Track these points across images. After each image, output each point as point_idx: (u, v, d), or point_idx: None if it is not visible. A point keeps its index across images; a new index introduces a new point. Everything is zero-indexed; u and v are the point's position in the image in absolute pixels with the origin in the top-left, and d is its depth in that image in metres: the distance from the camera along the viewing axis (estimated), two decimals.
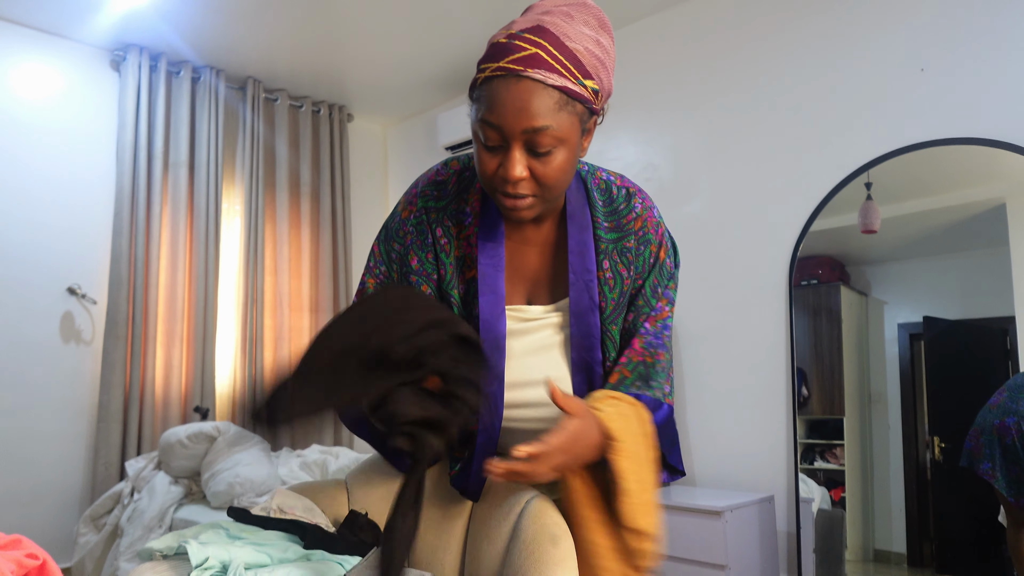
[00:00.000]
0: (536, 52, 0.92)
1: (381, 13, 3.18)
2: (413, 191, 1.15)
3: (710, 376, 2.85)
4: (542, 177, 0.96)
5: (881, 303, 2.54)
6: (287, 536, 1.04)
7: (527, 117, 0.92)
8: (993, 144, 2.26)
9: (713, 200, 2.92)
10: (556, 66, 0.93)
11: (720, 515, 2.31)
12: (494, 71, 0.94)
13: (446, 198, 1.12)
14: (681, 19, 3.09)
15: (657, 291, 1.13)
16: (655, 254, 1.12)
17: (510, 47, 0.94)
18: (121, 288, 3.26)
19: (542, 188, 0.98)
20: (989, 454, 2.09)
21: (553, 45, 0.93)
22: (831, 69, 2.63)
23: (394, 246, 1.15)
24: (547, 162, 0.96)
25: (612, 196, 1.13)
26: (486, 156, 0.97)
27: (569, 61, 0.94)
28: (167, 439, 2.88)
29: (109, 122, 3.41)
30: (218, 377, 3.58)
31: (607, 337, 1.12)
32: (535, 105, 0.92)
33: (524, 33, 0.94)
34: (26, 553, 0.88)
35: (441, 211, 1.12)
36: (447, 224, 1.12)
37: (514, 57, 0.93)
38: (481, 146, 0.98)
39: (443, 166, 1.15)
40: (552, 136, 0.94)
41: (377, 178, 4.48)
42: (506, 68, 0.93)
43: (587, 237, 1.10)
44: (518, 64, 0.92)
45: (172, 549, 0.97)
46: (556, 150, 0.96)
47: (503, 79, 0.93)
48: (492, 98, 0.94)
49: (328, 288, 3.96)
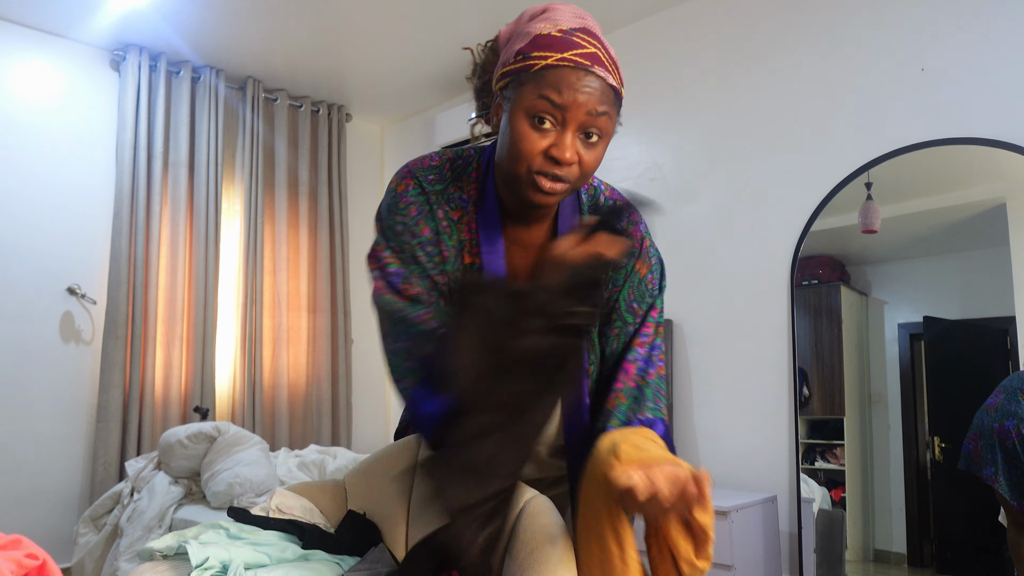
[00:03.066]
0: (596, 51, 0.99)
1: (380, 13, 3.18)
2: (405, 170, 1.14)
3: (714, 376, 2.85)
4: (585, 164, 1.00)
5: (881, 303, 2.54)
6: (286, 536, 1.04)
7: (595, 102, 0.97)
8: (993, 144, 2.26)
9: (715, 200, 2.92)
10: (609, 67, 1.00)
11: (727, 515, 2.31)
12: (559, 60, 0.97)
13: (443, 182, 1.12)
14: (683, 19, 3.09)
15: (633, 307, 1.13)
16: (634, 268, 1.13)
17: (570, 42, 0.98)
18: (121, 288, 3.26)
19: (580, 175, 1.01)
20: (991, 458, 2.08)
21: (604, 49, 1.00)
22: (832, 69, 2.63)
23: (396, 219, 1.11)
24: (592, 150, 1.00)
25: (598, 205, 1.16)
26: (535, 135, 0.98)
27: (616, 67, 1.01)
28: (167, 439, 2.87)
29: (109, 122, 3.41)
30: (218, 377, 3.58)
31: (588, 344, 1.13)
32: (601, 94, 0.98)
33: (578, 32, 0.99)
34: (26, 553, 0.88)
35: (439, 194, 1.12)
36: (446, 208, 1.12)
37: (579, 52, 0.98)
38: (528, 125, 0.99)
39: (435, 154, 1.15)
40: (604, 125, 0.99)
41: (375, 178, 4.48)
42: (574, 60, 0.97)
43: None
44: (585, 59, 0.97)
45: (172, 549, 0.97)
46: (601, 141, 1.01)
47: (571, 69, 0.97)
48: (560, 81, 0.97)
49: (326, 288, 3.96)
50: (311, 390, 3.85)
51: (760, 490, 2.64)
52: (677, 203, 2.99)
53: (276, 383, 3.74)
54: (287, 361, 3.79)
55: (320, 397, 3.85)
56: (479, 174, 1.13)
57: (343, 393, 3.95)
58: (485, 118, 1.14)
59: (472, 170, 1.13)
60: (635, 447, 0.93)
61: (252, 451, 2.84)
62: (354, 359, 4.12)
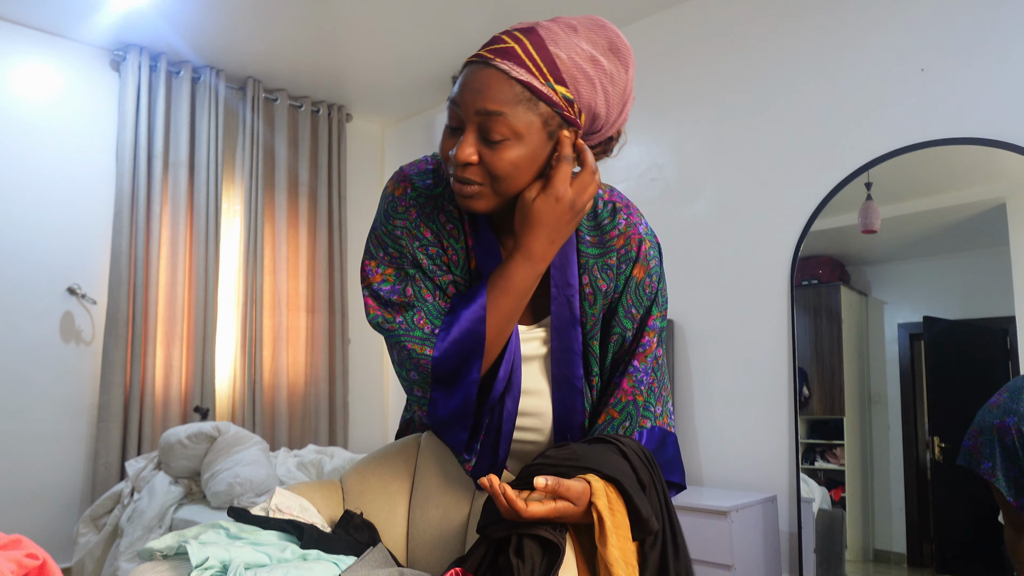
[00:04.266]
0: (513, 47, 0.96)
1: (380, 13, 3.18)
2: (400, 175, 1.11)
3: (714, 376, 2.85)
4: (491, 166, 0.96)
5: (881, 303, 2.54)
6: (285, 536, 1.04)
7: (482, 99, 0.94)
8: (993, 144, 2.26)
9: (716, 200, 2.92)
10: (527, 62, 0.95)
11: (726, 515, 2.31)
12: (471, 58, 0.99)
13: (441, 185, 1.10)
14: (683, 19, 3.09)
15: (631, 313, 1.10)
16: (632, 273, 1.10)
17: (494, 39, 0.98)
18: (121, 288, 3.26)
19: (491, 179, 0.98)
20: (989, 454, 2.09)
21: (534, 45, 0.96)
22: (832, 69, 2.63)
23: (395, 223, 1.08)
24: (498, 152, 0.96)
25: (597, 211, 1.12)
26: (446, 137, 1.00)
27: (544, 62, 0.95)
28: (167, 439, 2.88)
29: (109, 122, 3.42)
30: (218, 377, 3.58)
31: (589, 353, 1.11)
32: (493, 90, 0.94)
33: (514, 30, 0.98)
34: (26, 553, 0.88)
35: (439, 197, 1.10)
36: (448, 209, 1.09)
37: (490, 48, 0.97)
38: (445, 129, 1.01)
39: (431, 156, 1.14)
40: (506, 126, 0.95)
41: (374, 178, 4.48)
42: (479, 55, 0.97)
43: (569, 251, 1.09)
44: (490, 54, 0.96)
45: (172, 549, 0.97)
46: (509, 143, 0.96)
47: (473, 65, 0.97)
48: (460, 80, 0.98)
49: (324, 288, 3.96)
50: (309, 390, 3.86)
51: (760, 490, 2.64)
52: (678, 203, 3.00)
53: (276, 383, 3.74)
54: (286, 361, 3.79)
55: (318, 397, 3.86)
56: None
57: (340, 393, 3.96)
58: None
59: None
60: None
61: (252, 451, 2.84)
62: (351, 359, 4.12)
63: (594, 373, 1.12)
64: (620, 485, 0.93)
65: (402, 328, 1.05)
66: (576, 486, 0.90)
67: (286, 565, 0.92)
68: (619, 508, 0.92)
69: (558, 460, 0.96)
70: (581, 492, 0.90)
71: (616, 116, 1.04)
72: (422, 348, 1.03)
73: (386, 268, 1.09)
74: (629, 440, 1.02)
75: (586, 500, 0.90)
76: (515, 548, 0.87)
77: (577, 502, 0.90)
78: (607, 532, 0.89)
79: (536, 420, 1.12)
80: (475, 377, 1.03)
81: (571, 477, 0.92)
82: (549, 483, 0.88)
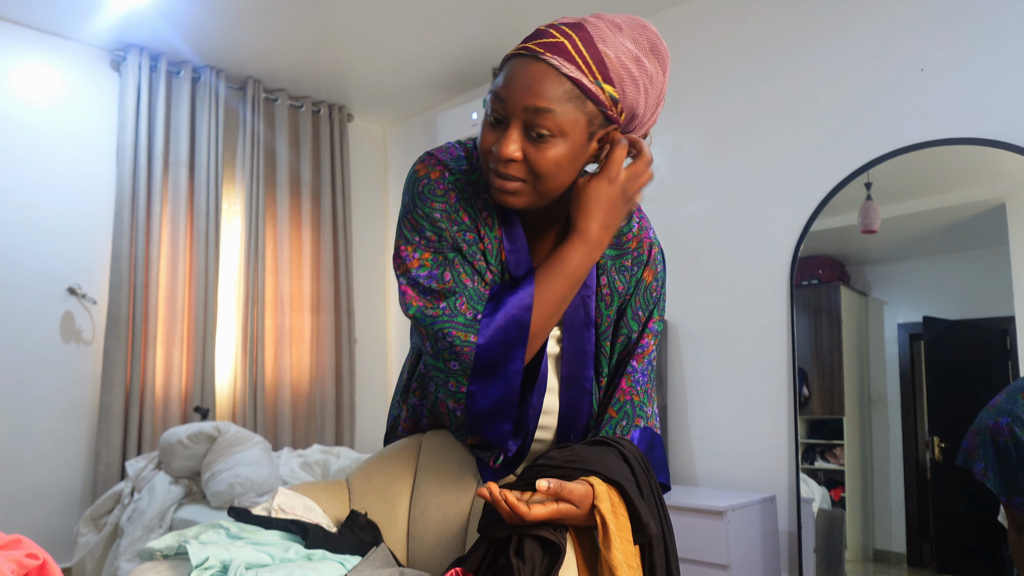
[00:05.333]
0: (562, 42, 0.94)
1: (381, 13, 3.18)
2: (432, 159, 1.07)
3: (712, 376, 2.85)
4: (534, 163, 0.95)
5: (881, 303, 2.54)
6: (289, 536, 1.04)
7: (531, 95, 0.93)
8: (993, 144, 2.26)
9: (714, 200, 2.92)
10: (576, 59, 0.93)
11: (722, 515, 2.31)
12: (517, 50, 0.96)
13: (475, 172, 1.07)
14: (681, 19, 3.09)
15: (639, 315, 1.12)
16: (642, 276, 1.12)
17: (542, 33, 0.96)
18: (121, 288, 3.26)
19: (533, 176, 0.96)
20: (983, 454, 2.09)
21: (583, 41, 0.94)
22: (831, 69, 2.63)
23: (433, 206, 1.03)
24: (542, 149, 0.94)
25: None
26: (487, 130, 0.98)
27: (593, 59, 0.94)
28: (167, 439, 2.88)
29: (109, 122, 3.41)
30: (218, 377, 3.58)
31: (601, 353, 1.12)
32: (543, 86, 0.92)
33: (560, 24, 0.96)
34: (26, 553, 0.88)
35: (475, 184, 1.06)
36: (484, 197, 1.06)
37: (540, 41, 0.95)
38: (486, 121, 0.98)
39: (454, 144, 1.11)
40: (553, 123, 0.93)
41: (377, 178, 4.48)
42: (528, 49, 0.95)
43: None
44: (540, 47, 0.94)
45: (172, 549, 0.97)
46: (554, 140, 0.94)
47: (522, 58, 0.95)
48: (506, 73, 0.96)
49: (329, 288, 3.96)
50: (315, 390, 3.86)
51: (759, 490, 2.65)
52: (675, 203, 3.00)
53: (279, 383, 3.74)
54: (290, 361, 3.79)
55: (324, 397, 3.86)
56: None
57: (347, 393, 3.96)
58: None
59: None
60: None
61: (253, 451, 2.84)
62: (358, 359, 4.12)
63: (604, 374, 1.12)
64: (623, 489, 0.93)
65: (445, 314, 0.99)
66: (579, 489, 0.90)
67: (289, 565, 0.92)
68: (621, 511, 0.93)
69: (561, 462, 0.96)
70: (584, 495, 0.90)
71: (649, 117, 1.04)
72: (466, 335, 0.98)
73: (423, 252, 1.04)
74: (629, 444, 1.03)
75: (589, 503, 0.90)
76: (515, 548, 0.87)
77: (580, 505, 0.90)
78: (611, 535, 0.89)
79: (547, 418, 1.12)
80: (518, 367, 0.99)
81: (574, 479, 0.93)
82: (551, 486, 0.88)
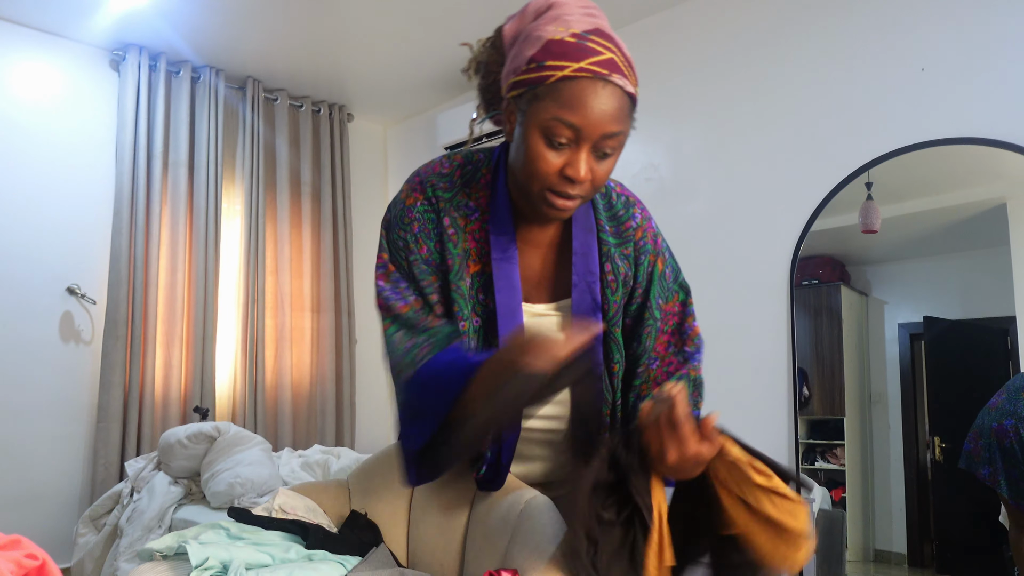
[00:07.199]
0: (612, 57, 0.93)
1: (381, 13, 3.18)
2: (416, 180, 1.12)
3: (712, 376, 2.82)
4: (596, 179, 0.97)
5: (881, 303, 2.54)
6: (289, 536, 1.04)
7: (611, 122, 0.93)
8: (993, 144, 2.26)
9: (713, 200, 2.92)
10: (627, 74, 0.95)
11: None
12: (576, 71, 0.91)
13: (452, 190, 1.10)
14: (681, 19, 3.09)
15: (659, 303, 1.14)
16: (653, 264, 1.14)
17: (586, 49, 0.92)
18: (121, 288, 3.25)
19: (592, 190, 0.99)
20: (988, 458, 2.08)
21: (621, 51, 0.95)
22: (831, 69, 2.63)
23: (399, 234, 1.10)
24: (604, 165, 0.97)
25: (612, 201, 1.14)
26: (551, 154, 0.95)
27: (631, 68, 0.96)
28: (167, 439, 2.87)
29: (109, 122, 3.41)
30: (218, 377, 3.57)
31: (610, 340, 1.12)
32: (619, 111, 0.94)
33: (592, 35, 0.94)
34: (26, 553, 0.88)
35: (448, 202, 1.10)
36: (453, 215, 1.10)
37: (596, 60, 0.92)
38: (544, 144, 0.95)
39: (446, 159, 1.13)
40: (619, 141, 0.96)
41: (377, 178, 4.48)
42: (591, 71, 0.91)
43: (591, 239, 1.11)
44: (603, 68, 0.92)
45: (172, 549, 0.96)
46: (614, 154, 0.97)
47: (589, 80, 0.92)
48: (576, 98, 0.91)
49: (329, 288, 3.96)
50: (315, 390, 3.85)
51: None
52: (675, 203, 2.99)
53: (279, 383, 3.74)
54: (290, 361, 3.79)
55: (324, 397, 3.85)
56: (488, 179, 1.11)
57: (347, 393, 3.95)
58: (494, 118, 1.12)
59: (481, 176, 1.11)
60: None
61: (253, 451, 2.84)
62: (358, 359, 4.11)
63: (615, 360, 1.13)
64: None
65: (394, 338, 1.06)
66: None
67: (290, 565, 0.92)
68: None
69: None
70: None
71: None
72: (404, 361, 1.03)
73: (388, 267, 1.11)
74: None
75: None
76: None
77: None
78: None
79: (557, 408, 1.11)
80: (440, 412, 0.97)
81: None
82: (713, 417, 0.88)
